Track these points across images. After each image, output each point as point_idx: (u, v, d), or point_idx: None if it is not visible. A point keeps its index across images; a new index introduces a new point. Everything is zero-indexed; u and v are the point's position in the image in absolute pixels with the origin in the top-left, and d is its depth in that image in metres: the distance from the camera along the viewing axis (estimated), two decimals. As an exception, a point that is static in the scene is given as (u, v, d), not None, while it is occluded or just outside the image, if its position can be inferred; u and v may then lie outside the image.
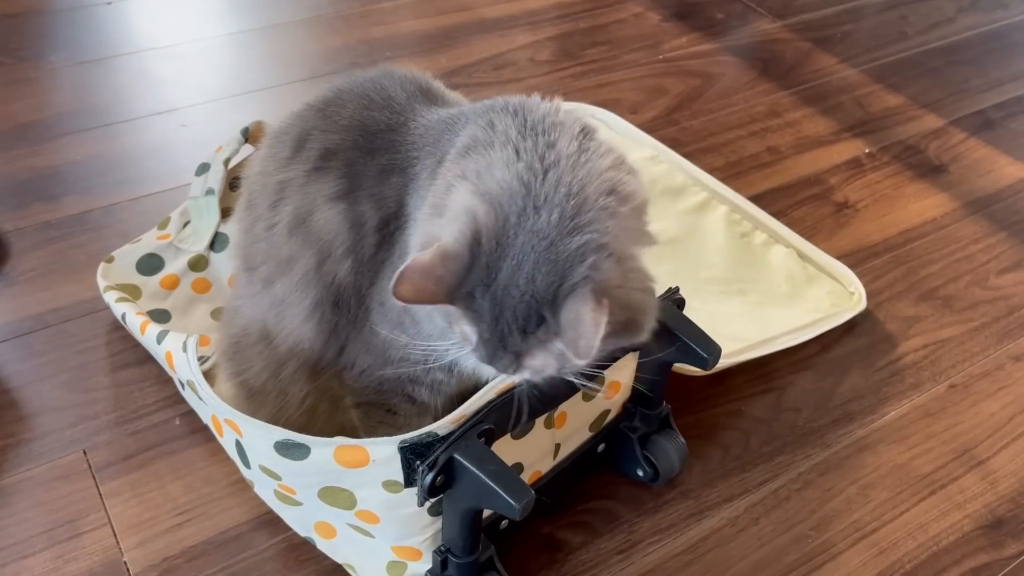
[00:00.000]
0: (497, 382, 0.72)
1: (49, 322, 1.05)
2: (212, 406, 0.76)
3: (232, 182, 1.12)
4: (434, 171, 0.72)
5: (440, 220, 0.67)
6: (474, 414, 0.71)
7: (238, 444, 0.78)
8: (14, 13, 1.59)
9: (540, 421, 0.79)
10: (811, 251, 1.21)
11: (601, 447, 0.91)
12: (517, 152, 0.66)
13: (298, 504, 0.80)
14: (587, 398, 0.83)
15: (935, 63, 1.67)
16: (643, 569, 0.87)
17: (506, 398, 0.72)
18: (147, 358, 1.01)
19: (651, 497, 0.93)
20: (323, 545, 0.83)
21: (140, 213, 1.20)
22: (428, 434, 0.69)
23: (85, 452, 0.92)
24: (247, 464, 0.78)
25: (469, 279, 0.64)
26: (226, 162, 1.10)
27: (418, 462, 0.68)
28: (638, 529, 0.90)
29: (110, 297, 0.98)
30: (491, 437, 0.72)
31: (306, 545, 0.85)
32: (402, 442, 0.69)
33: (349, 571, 0.83)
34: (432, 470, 0.68)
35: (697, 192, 1.30)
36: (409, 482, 0.71)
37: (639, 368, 0.86)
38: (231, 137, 1.12)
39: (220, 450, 0.93)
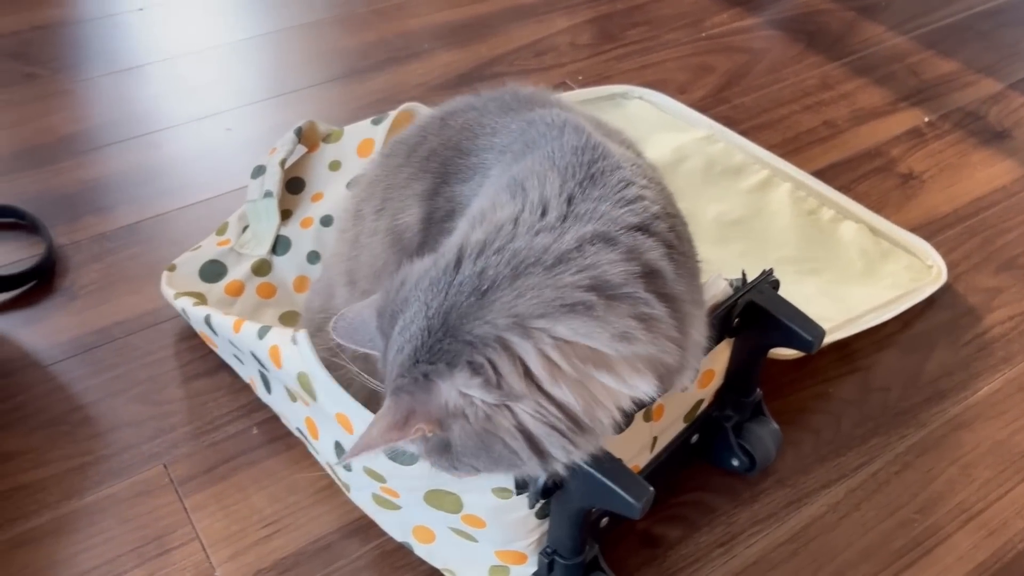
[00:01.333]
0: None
1: (114, 335, 1.03)
2: (332, 399, 0.73)
3: (289, 183, 1.09)
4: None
5: None
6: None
7: (339, 447, 0.76)
8: (42, 25, 1.56)
9: (639, 414, 0.77)
10: (883, 225, 1.17)
11: (695, 438, 0.88)
12: (528, 209, 0.61)
13: (397, 508, 0.78)
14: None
15: (983, 27, 1.63)
16: (746, 562, 0.84)
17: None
18: (218, 367, 0.99)
19: (746, 487, 0.90)
20: (421, 550, 0.81)
21: (192, 221, 1.18)
22: (538, 434, 0.66)
23: (166, 466, 0.90)
24: (348, 467, 0.76)
25: (380, 324, 0.61)
26: (282, 163, 1.08)
27: (531, 463, 0.66)
28: (736, 520, 0.87)
29: (185, 302, 0.96)
30: (598, 434, 0.70)
31: (400, 551, 0.83)
32: (511, 444, 0.66)
33: (448, 577, 0.81)
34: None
35: (758, 170, 1.26)
36: (520, 487, 0.68)
37: (734, 355, 0.83)
38: (285, 138, 1.10)
39: (302, 457, 0.90)
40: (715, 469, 0.91)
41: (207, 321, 0.92)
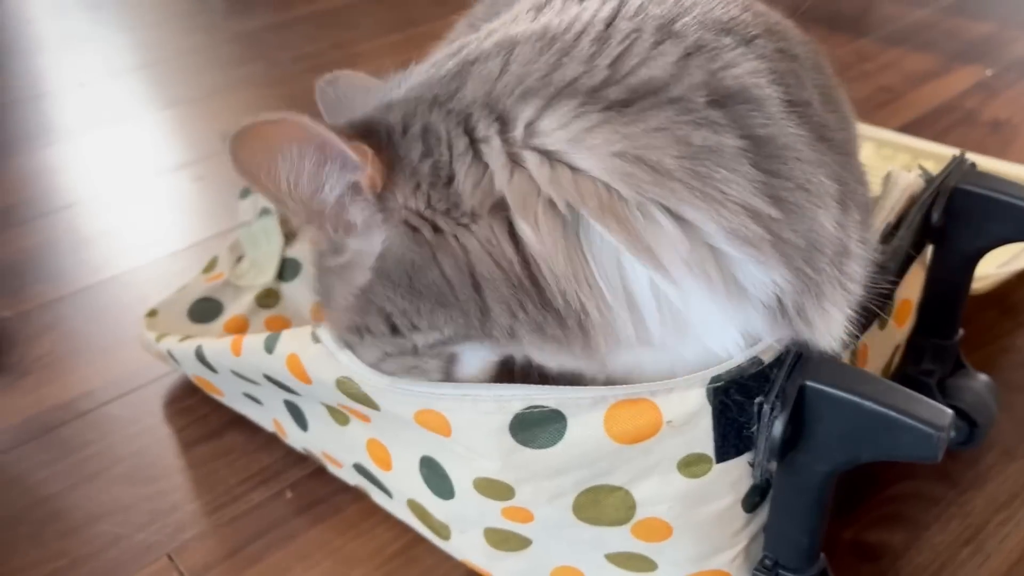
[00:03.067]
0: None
1: (83, 409, 0.78)
2: (399, 398, 0.49)
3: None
4: None
5: None
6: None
7: (429, 464, 0.51)
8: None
9: (846, 355, 0.54)
10: (1002, 167, 0.99)
11: (892, 404, 0.65)
12: None
13: (526, 545, 0.52)
14: (881, 324, 0.58)
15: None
16: (1008, 560, 0.60)
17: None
18: (225, 426, 0.74)
19: (964, 466, 0.67)
20: (565, 606, 0.55)
21: (169, 272, 0.94)
22: (751, 361, 0.43)
23: (171, 557, 0.64)
24: (448, 492, 0.51)
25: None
26: (277, 175, 0.86)
27: (759, 399, 0.42)
28: (973, 510, 0.64)
29: (169, 343, 0.71)
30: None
31: (529, 618, 0.57)
32: (714, 379, 0.43)
33: (611, 639, 0.55)
34: (784, 409, 0.42)
35: (828, 137, 1.08)
36: (725, 451, 0.45)
37: (933, 274, 0.62)
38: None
39: (362, 518, 0.65)
40: (917, 450, 0.67)
41: (200, 356, 0.67)
